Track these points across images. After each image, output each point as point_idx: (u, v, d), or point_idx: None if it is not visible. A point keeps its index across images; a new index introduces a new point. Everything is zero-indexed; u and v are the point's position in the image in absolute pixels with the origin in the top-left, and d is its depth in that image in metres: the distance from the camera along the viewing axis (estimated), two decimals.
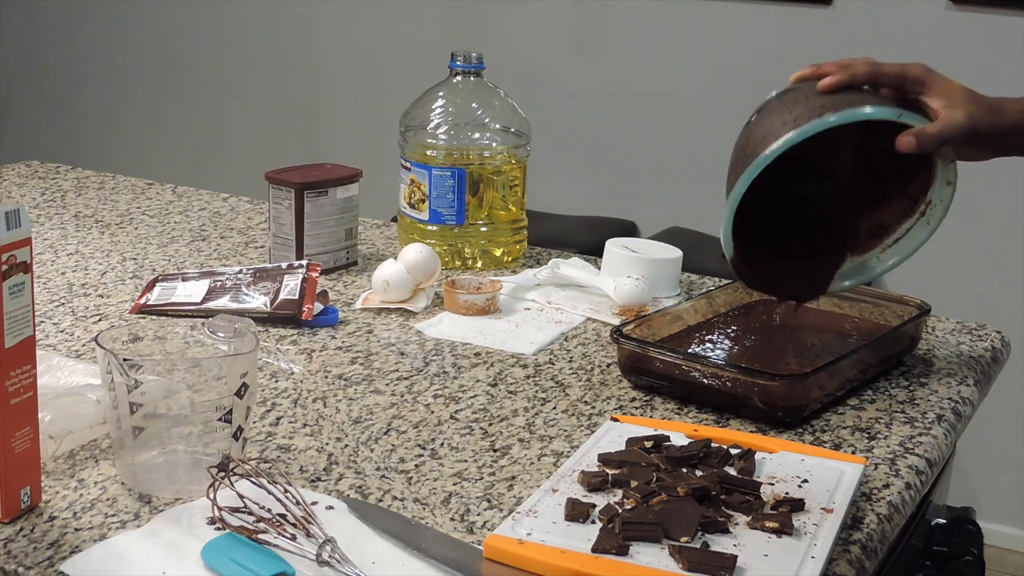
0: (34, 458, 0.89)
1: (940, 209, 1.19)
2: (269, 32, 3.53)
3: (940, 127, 1.11)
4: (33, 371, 0.88)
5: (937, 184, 1.18)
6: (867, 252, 1.25)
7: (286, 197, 1.48)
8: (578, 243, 2.30)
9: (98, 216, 1.74)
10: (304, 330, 1.31)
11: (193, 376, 0.92)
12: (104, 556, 0.84)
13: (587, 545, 0.84)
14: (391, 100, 2.44)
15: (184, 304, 1.34)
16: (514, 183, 1.56)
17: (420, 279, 1.39)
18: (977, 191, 2.69)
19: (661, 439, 1.00)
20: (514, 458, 1.03)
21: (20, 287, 0.85)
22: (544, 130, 2.23)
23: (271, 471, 0.88)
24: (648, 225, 2.96)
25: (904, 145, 1.12)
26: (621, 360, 1.20)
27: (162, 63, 3.73)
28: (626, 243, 1.50)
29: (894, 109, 1.11)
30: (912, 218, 1.22)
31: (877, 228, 1.24)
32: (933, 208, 1.20)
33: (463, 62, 1.55)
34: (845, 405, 1.16)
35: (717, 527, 0.87)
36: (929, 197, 1.20)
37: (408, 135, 1.55)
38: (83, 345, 1.24)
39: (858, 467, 0.98)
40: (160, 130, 3.77)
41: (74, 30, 3.85)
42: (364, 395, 1.15)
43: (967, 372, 1.27)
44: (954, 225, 2.77)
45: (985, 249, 2.73)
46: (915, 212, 1.21)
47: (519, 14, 3.15)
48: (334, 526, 0.87)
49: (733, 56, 2.88)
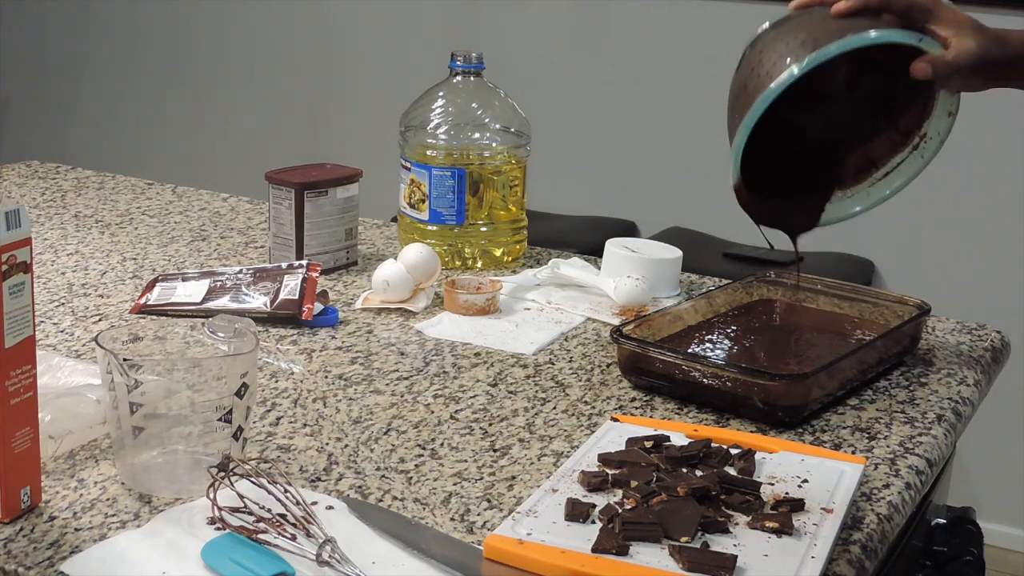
0: (34, 458, 0.89)
1: (936, 142, 1.19)
2: (269, 32, 3.53)
3: (955, 55, 1.12)
4: (33, 371, 0.88)
5: (936, 115, 1.18)
6: (855, 186, 1.24)
7: (286, 197, 1.48)
8: (578, 243, 2.30)
9: (98, 216, 1.74)
10: (304, 330, 1.31)
11: (193, 376, 0.92)
12: (104, 556, 0.84)
13: (587, 545, 0.84)
14: (391, 100, 2.44)
15: (184, 304, 1.34)
16: (514, 183, 1.56)
17: (420, 279, 1.39)
18: (977, 191, 2.70)
19: (661, 439, 1.00)
20: (514, 458, 1.03)
21: (20, 287, 0.85)
22: (544, 130, 2.23)
23: (271, 471, 0.88)
24: (648, 225, 2.96)
25: (919, 72, 1.12)
26: (621, 360, 1.20)
27: (162, 63, 3.73)
28: (626, 243, 1.50)
29: (914, 34, 1.11)
30: (904, 151, 1.21)
31: (865, 162, 1.24)
32: (928, 141, 1.19)
33: (463, 62, 1.55)
34: (845, 405, 1.16)
35: (717, 527, 0.87)
36: (924, 129, 1.19)
37: (408, 135, 1.55)
38: (83, 345, 1.24)
39: (858, 467, 0.98)
40: (160, 130, 3.77)
41: (74, 30, 3.85)
42: (364, 395, 1.15)
43: (967, 372, 1.27)
44: (954, 225, 2.78)
45: (985, 249, 2.73)
46: (907, 145, 1.21)
47: (519, 14, 3.15)
48: (334, 526, 0.87)
49: (733, 56, 2.87)
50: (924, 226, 2.74)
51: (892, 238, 2.72)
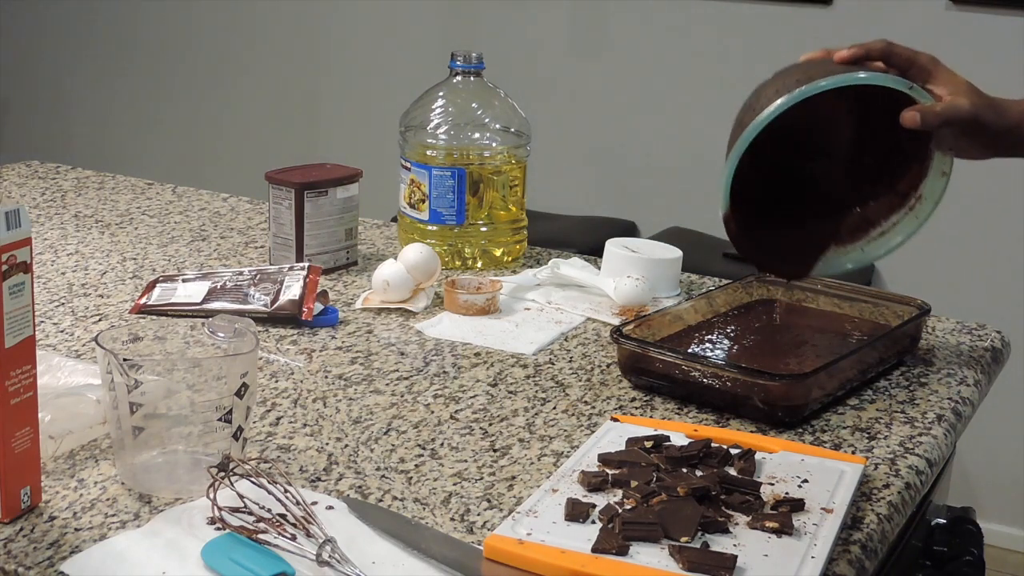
0: (34, 458, 0.89)
1: (930, 203, 1.21)
2: (269, 32, 3.53)
3: (944, 107, 1.14)
4: (33, 371, 0.88)
5: (931, 176, 1.20)
6: (852, 243, 1.25)
7: (286, 197, 1.48)
8: (578, 243, 2.30)
9: (98, 216, 1.74)
10: (304, 330, 1.31)
11: (193, 376, 0.92)
12: (104, 556, 0.84)
13: (587, 545, 0.84)
14: (391, 100, 2.44)
15: (184, 304, 1.34)
16: (514, 183, 1.56)
17: (420, 279, 1.39)
18: (977, 191, 2.69)
19: (661, 439, 1.00)
20: (514, 458, 1.03)
21: (20, 287, 0.85)
22: (544, 130, 2.23)
23: (271, 471, 0.88)
24: (648, 225, 2.96)
25: (908, 120, 1.14)
26: (621, 360, 1.20)
27: (163, 63, 3.73)
28: (626, 243, 1.50)
29: (906, 81, 1.13)
30: (900, 212, 1.23)
31: (862, 222, 1.25)
32: (923, 202, 1.21)
33: (463, 62, 1.55)
34: (845, 405, 1.16)
35: (717, 527, 0.87)
36: (920, 191, 1.21)
37: (408, 135, 1.55)
38: (83, 345, 1.24)
39: (858, 467, 0.98)
40: (160, 130, 3.77)
41: (74, 30, 3.85)
42: (364, 395, 1.15)
43: (967, 372, 1.27)
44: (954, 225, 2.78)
45: (985, 249, 2.73)
46: (904, 206, 1.23)
47: (519, 14, 3.15)
48: (334, 526, 0.87)
49: (733, 56, 2.88)
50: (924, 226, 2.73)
51: None
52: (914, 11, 2.69)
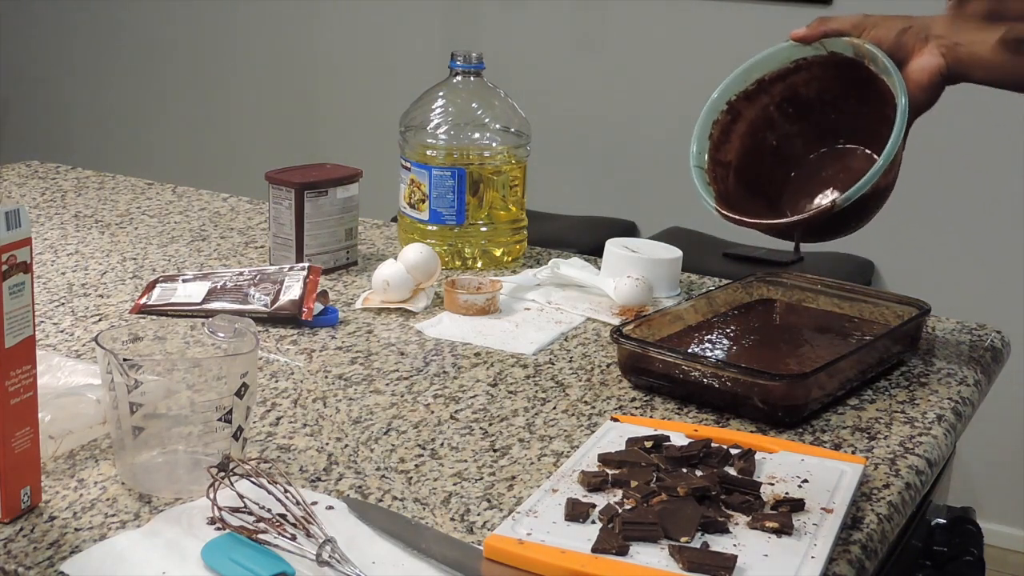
0: (34, 458, 0.89)
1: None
2: (269, 32, 3.53)
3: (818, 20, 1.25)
4: (33, 371, 0.88)
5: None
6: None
7: (286, 197, 1.48)
8: (578, 243, 2.30)
9: (98, 216, 1.74)
10: (304, 330, 1.31)
11: (193, 376, 0.92)
12: (104, 556, 0.84)
13: (587, 545, 0.84)
14: (391, 100, 2.44)
15: (184, 304, 1.34)
16: (514, 183, 1.56)
17: (420, 279, 1.39)
18: (977, 191, 2.70)
19: (661, 439, 1.00)
20: (514, 458, 1.03)
21: (20, 287, 0.85)
22: (544, 130, 2.23)
23: (271, 471, 0.88)
24: (648, 225, 2.96)
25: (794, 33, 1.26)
26: (621, 360, 1.20)
27: (162, 63, 3.73)
28: (626, 243, 1.50)
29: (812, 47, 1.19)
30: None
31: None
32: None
33: (463, 62, 1.55)
34: (845, 405, 1.16)
35: (717, 527, 0.87)
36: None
37: (408, 135, 1.55)
38: (83, 345, 1.24)
39: (858, 467, 0.98)
40: (160, 130, 3.77)
41: (74, 30, 3.85)
42: (364, 395, 1.15)
43: (967, 372, 1.27)
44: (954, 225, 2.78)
45: (985, 249, 2.73)
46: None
47: (519, 14, 3.15)
48: (334, 526, 0.87)
49: (733, 56, 2.87)
50: (924, 226, 2.74)
51: (892, 238, 2.72)
52: (914, 11, 2.68)
